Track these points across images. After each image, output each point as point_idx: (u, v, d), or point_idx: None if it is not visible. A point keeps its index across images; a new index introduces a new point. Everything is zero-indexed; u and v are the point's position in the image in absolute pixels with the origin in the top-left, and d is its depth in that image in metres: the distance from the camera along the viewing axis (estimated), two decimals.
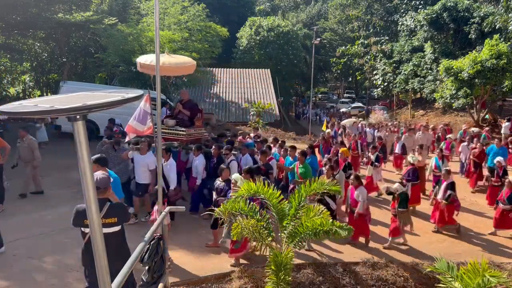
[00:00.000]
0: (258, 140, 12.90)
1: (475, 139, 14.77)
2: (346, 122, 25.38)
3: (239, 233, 5.85)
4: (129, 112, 10.87)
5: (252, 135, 15.63)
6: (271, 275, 5.54)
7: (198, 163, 9.60)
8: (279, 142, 12.94)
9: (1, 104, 1.77)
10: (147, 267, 4.51)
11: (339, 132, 18.82)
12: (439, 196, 9.62)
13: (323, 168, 10.13)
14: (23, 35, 22.83)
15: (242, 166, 9.66)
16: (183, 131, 10.99)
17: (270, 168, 9.92)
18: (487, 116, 26.50)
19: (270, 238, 5.93)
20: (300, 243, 5.84)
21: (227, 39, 28.01)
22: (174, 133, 11.05)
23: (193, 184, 9.75)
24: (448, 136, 17.21)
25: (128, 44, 20.18)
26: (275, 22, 42.38)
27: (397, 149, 15.08)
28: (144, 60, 10.66)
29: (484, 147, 13.60)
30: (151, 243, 4.50)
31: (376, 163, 12.51)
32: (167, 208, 4.97)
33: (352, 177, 9.03)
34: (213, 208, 6.53)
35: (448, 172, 9.67)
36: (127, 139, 9.24)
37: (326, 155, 12.39)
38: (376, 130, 19.79)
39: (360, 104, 44.39)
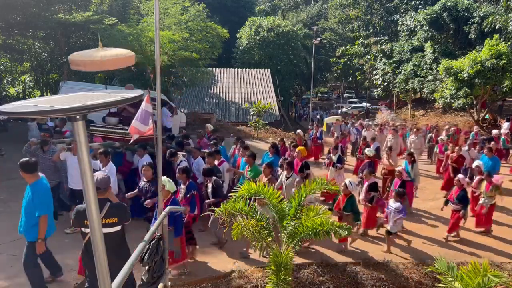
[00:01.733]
0: (213, 141, 11.84)
1: (492, 143, 13.71)
2: (328, 119, 25.27)
3: (239, 233, 5.85)
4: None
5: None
6: (271, 275, 5.54)
7: (143, 163, 8.73)
8: (240, 142, 12.06)
9: (1, 104, 1.77)
10: (147, 267, 4.51)
11: (319, 132, 17.89)
12: (361, 197, 9.37)
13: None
14: (23, 35, 22.82)
15: (195, 170, 9.38)
16: (127, 130, 9.95)
17: (218, 172, 9.11)
18: (487, 116, 26.51)
19: (270, 238, 5.93)
20: (300, 243, 5.83)
21: (227, 39, 28.01)
22: (117, 132, 10.10)
23: None
24: (440, 137, 16.28)
25: (128, 44, 20.13)
26: (275, 22, 42.37)
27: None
28: (78, 56, 9.89)
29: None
30: (151, 243, 4.50)
31: (338, 165, 11.73)
32: (167, 208, 4.97)
33: (298, 178, 8.58)
34: (213, 208, 6.52)
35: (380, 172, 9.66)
36: (132, 140, 9.16)
37: (282, 157, 11.36)
38: (364, 130, 19.05)
39: (368, 104, 44.06)
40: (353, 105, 45.05)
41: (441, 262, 4.82)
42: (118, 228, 4.84)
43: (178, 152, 9.43)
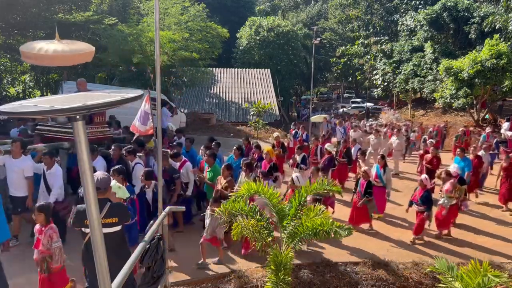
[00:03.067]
0: (176, 142, 11.19)
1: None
2: (315, 118, 25.01)
3: (239, 233, 5.86)
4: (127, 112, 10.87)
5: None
6: (270, 275, 5.54)
7: (97, 167, 8.04)
8: (211, 143, 11.13)
9: (1, 104, 1.77)
10: (147, 267, 4.52)
11: (305, 134, 17.21)
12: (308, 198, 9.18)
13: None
14: (23, 35, 22.77)
15: (156, 172, 8.69)
16: None
17: (174, 172, 8.57)
18: (487, 116, 26.51)
19: (270, 238, 5.93)
20: (300, 243, 5.83)
21: (227, 39, 28.02)
22: (66, 132, 9.22)
23: None
24: (429, 140, 15.30)
25: (128, 44, 20.17)
26: (275, 22, 42.39)
27: (353, 154, 13.28)
28: (30, 48, 9.00)
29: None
30: (151, 243, 4.50)
31: (302, 166, 11.25)
32: (167, 208, 4.97)
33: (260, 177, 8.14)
34: (214, 209, 6.52)
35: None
36: (134, 138, 9.14)
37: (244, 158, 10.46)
38: (352, 130, 18.23)
39: (371, 104, 43.87)
40: (354, 105, 44.99)
41: (441, 262, 4.82)
42: (118, 228, 4.84)
43: (136, 153, 8.75)
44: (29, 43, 9.55)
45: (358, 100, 47.77)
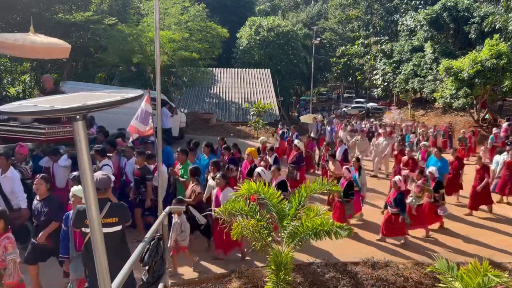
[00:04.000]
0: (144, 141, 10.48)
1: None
2: (304, 118, 24.86)
3: (239, 233, 5.86)
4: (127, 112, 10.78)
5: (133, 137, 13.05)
6: (271, 275, 5.54)
7: (59, 168, 7.77)
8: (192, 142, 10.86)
9: (1, 104, 1.77)
10: (147, 267, 4.51)
11: (295, 134, 16.33)
12: None
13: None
14: None
15: (128, 173, 8.70)
16: (42, 129, 8.77)
17: (147, 173, 8.17)
18: (487, 116, 26.51)
19: (270, 238, 5.93)
20: (300, 243, 5.83)
21: (227, 39, 28.02)
22: (29, 132, 8.78)
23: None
24: (422, 143, 14.21)
25: (128, 44, 20.16)
26: (275, 22, 42.40)
27: (338, 155, 12.46)
28: (5, 38, 8.42)
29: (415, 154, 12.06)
30: (151, 243, 4.50)
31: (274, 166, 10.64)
32: (167, 208, 4.96)
33: (218, 175, 7.55)
34: (214, 209, 6.52)
35: (278, 169, 8.89)
36: (130, 139, 9.13)
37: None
38: (341, 130, 17.62)
39: (374, 104, 43.62)
40: (353, 105, 44.94)
41: (441, 262, 4.82)
42: (118, 228, 4.85)
43: (105, 153, 8.19)
44: (3, 34, 9.07)
45: (362, 100, 47.51)
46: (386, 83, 38.43)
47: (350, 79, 57.04)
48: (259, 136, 22.08)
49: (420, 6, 38.52)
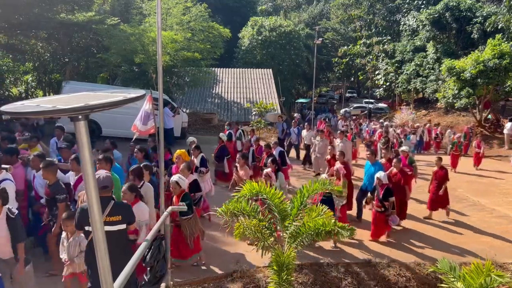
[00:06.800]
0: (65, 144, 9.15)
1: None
2: (269, 117, 24.69)
3: (241, 233, 5.86)
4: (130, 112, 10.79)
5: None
6: (273, 275, 5.54)
7: None
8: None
9: (4, 104, 1.77)
10: (149, 267, 4.52)
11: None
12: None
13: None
14: (26, 35, 22.88)
15: (37, 186, 7.21)
16: None
17: (57, 192, 6.34)
18: (489, 116, 26.45)
19: (272, 238, 5.93)
20: (302, 243, 5.83)
21: (229, 39, 28.03)
22: None
23: None
24: (401, 149, 12.08)
25: (130, 44, 20.20)
26: (277, 22, 42.38)
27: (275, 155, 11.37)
28: None
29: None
30: (153, 243, 4.51)
31: (202, 169, 9.63)
32: (169, 208, 4.97)
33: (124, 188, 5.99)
34: (216, 208, 6.51)
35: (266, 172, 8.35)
36: (134, 138, 9.00)
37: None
38: (304, 130, 16.83)
39: (384, 105, 42.96)
40: (355, 105, 44.77)
41: (443, 262, 4.81)
42: (122, 226, 4.86)
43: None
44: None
45: (372, 100, 46.63)
46: (388, 83, 38.39)
47: (352, 79, 56.89)
48: (261, 136, 22.07)
49: (422, 6, 38.36)
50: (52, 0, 20.14)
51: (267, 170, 8.56)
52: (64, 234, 5.51)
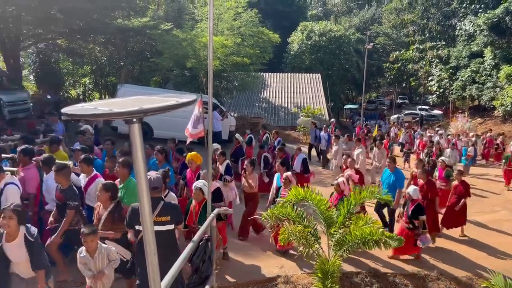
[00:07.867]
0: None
1: None
2: (302, 121, 24.12)
3: (286, 239, 5.85)
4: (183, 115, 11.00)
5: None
6: (317, 283, 5.48)
7: None
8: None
9: (64, 105, 1.87)
10: (195, 268, 4.60)
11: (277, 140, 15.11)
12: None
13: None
14: (85, 40, 24.04)
15: (44, 191, 6.65)
16: None
17: (70, 198, 5.84)
18: None
19: (317, 245, 5.87)
20: (348, 252, 5.74)
21: (279, 44, 28.10)
22: None
23: None
24: (440, 159, 11.24)
25: (182, 49, 20.72)
26: (327, 27, 42.03)
27: (296, 166, 11.29)
28: None
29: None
30: (200, 244, 4.58)
31: (227, 177, 8.96)
32: (216, 210, 5.04)
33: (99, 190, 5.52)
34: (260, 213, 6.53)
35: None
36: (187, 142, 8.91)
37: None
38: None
39: (439, 112, 41.32)
40: (406, 112, 43.48)
41: (498, 278, 4.58)
42: (170, 227, 4.97)
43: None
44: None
45: (426, 107, 44.99)
46: (441, 90, 37.13)
47: (404, 84, 55.38)
48: (307, 141, 21.91)
49: (480, 10, 36.86)
50: (109, 6, 21.00)
51: (287, 173, 8.21)
52: (83, 253, 4.86)
